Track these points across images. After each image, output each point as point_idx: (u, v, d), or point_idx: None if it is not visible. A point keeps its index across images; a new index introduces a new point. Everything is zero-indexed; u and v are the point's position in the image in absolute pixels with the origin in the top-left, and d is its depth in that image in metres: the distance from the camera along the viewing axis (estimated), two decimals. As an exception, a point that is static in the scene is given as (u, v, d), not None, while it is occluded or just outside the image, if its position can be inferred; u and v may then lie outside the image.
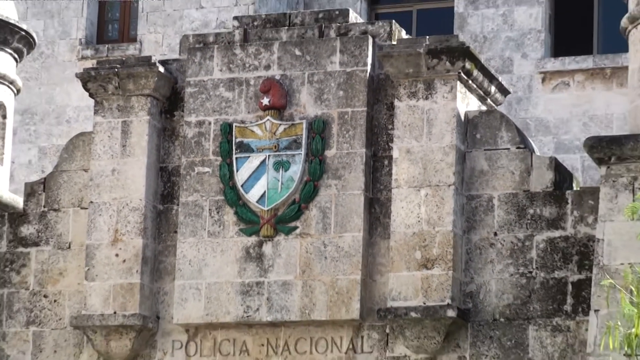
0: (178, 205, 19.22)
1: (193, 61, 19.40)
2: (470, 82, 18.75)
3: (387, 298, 18.26)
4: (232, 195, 18.95)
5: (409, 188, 18.36)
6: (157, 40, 28.26)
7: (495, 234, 18.40)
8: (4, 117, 20.55)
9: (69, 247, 19.58)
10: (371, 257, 18.56)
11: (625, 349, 14.06)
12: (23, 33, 20.64)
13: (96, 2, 29.63)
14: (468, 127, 18.61)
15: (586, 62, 28.74)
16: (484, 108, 19.04)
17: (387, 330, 18.36)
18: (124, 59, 20.69)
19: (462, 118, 18.53)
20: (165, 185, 19.47)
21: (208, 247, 18.92)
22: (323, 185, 18.73)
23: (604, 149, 17.65)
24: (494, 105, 19.40)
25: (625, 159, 17.45)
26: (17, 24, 20.58)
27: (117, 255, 19.09)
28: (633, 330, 13.80)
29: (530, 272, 18.18)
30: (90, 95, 19.69)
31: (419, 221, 18.25)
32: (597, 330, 16.96)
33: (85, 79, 19.62)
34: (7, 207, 20.05)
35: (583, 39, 29.30)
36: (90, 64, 22.06)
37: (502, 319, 18.16)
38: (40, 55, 26.86)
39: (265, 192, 18.90)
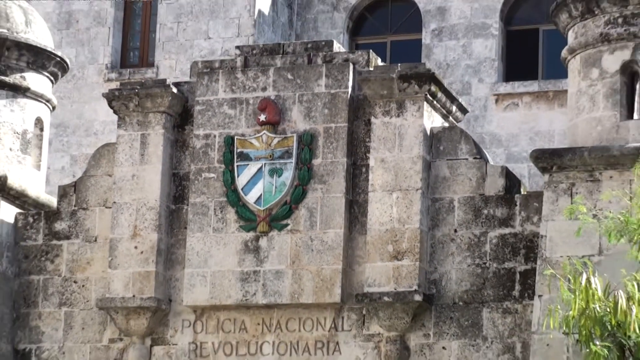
0: (187, 205, 19.20)
1: (201, 83, 19.38)
2: (435, 102, 18.76)
3: (364, 284, 18.26)
4: (234, 197, 18.93)
5: (383, 192, 18.39)
6: (171, 65, 28.21)
7: (455, 230, 18.42)
8: (42, 130, 20.55)
9: (95, 240, 19.56)
10: (350, 250, 18.57)
11: (564, 328, 14.12)
12: (58, 59, 20.60)
13: (120, 32, 29.54)
14: (433, 140, 18.62)
15: (532, 86, 28.74)
16: (446, 124, 19.02)
17: (364, 312, 18.35)
18: (143, 81, 20.75)
19: (428, 133, 18.53)
20: (177, 188, 19.44)
21: (213, 240, 18.92)
22: (310, 189, 18.73)
23: (547, 159, 17.66)
24: (454, 122, 19.36)
25: (565, 168, 17.47)
26: (53, 51, 20.56)
27: (135, 247, 19.08)
28: (570, 312, 13.86)
29: (485, 263, 18.23)
30: (115, 112, 19.66)
31: (391, 220, 18.27)
32: (540, 313, 16.96)
33: (110, 98, 19.59)
34: (44, 206, 20.04)
35: (530, 66, 29.24)
36: (114, 85, 22.07)
37: (460, 303, 18.18)
38: (73, 78, 26.78)
39: (261, 194, 18.87)
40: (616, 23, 17.77)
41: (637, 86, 17.73)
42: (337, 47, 19.56)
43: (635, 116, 17.63)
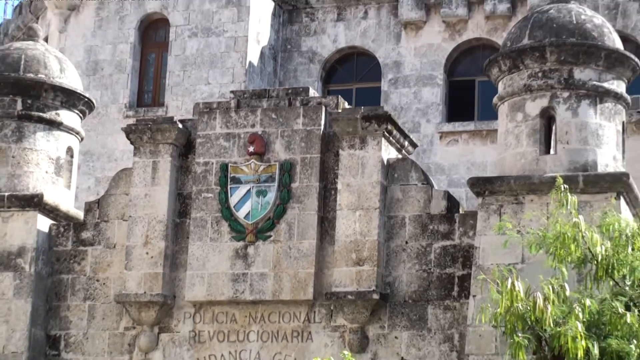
0: (189, 219, 19.13)
1: (202, 121, 19.34)
2: (390, 138, 18.75)
3: (332, 285, 18.24)
4: (227, 213, 18.86)
5: (348, 210, 18.35)
6: (178, 105, 28.17)
7: (406, 242, 18.39)
8: (72, 156, 20.49)
9: (114, 247, 19.45)
10: (321, 257, 18.51)
11: (493, 322, 14.12)
12: (86, 99, 20.54)
13: (136, 78, 29.49)
14: (389, 169, 18.59)
15: (469, 126, 28.75)
16: (400, 156, 18.98)
17: (332, 308, 18.31)
18: (154, 118, 20.82)
19: (385, 163, 18.51)
20: (181, 205, 19.36)
21: (209, 248, 18.85)
22: (289, 207, 18.67)
23: (480, 186, 17.69)
24: (407, 154, 19.31)
25: (495, 193, 17.48)
26: (82, 93, 20.51)
27: (147, 253, 18.98)
28: (498, 310, 13.89)
29: (430, 269, 18.20)
30: (131, 143, 19.60)
31: (354, 233, 18.23)
32: (474, 310, 16.91)
33: (128, 131, 19.57)
34: (73, 219, 19.98)
35: (468, 110, 29.21)
36: (131, 121, 22.02)
37: (410, 301, 18.14)
38: (98, 114, 26.76)
39: (250, 211, 18.82)
40: (537, 76, 17.82)
41: (553, 127, 17.76)
42: (312, 92, 19.56)
43: (552, 152, 17.66)
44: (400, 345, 18.10)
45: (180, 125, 19.43)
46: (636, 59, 18.33)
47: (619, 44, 18.25)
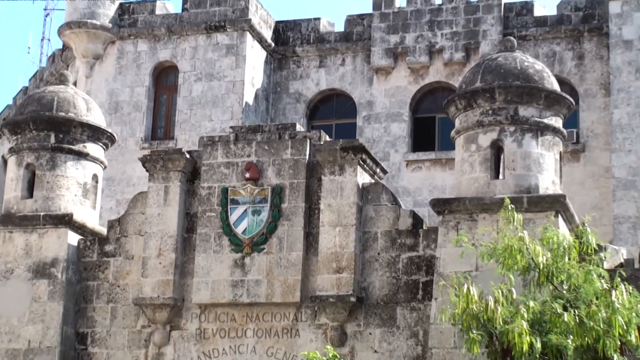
0: (196, 234, 19.05)
1: (206, 151, 19.30)
2: (365, 166, 18.74)
3: (316, 290, 18.18)
4: (227, 229, 18.79)
5: (329, 226, 18.30)
6: (185, 139, 28.17)
7: (379, 253, 18.33)
8: (97, 182, 20.44)
9: (133, 258, 19.37)
10: (307, 266, 18.44)
11: (452, 321, 14.15)
12: (108, 134, 20.52)
13: (151, 116, 29.49)
14: (363, 192, 18.55)
15: (431, 155, 28.80)
16: (372, 181, 18.95)
17: (316, 309, 18.25)
18: (166, 149, 20.76)
19: (360, 187, 18.48)
20: (189, 223, 19.27)
21: (212, 259, 18.79)
22: (280, 224, 18.60)
23: (441, 206, 17.68)
24: (378, 179, 19.30)
25: (453, 212, 17.47)
26: (105, 128, 20.48)
27: (160, 263, 18.92)
28: (456, 310, 13.92)
29: (398, 276, 18.16)
30: (146, 170, 19.54)
31: (334, 246, 18.19)
32: (436, 310, 16.89)
33: (144, 161, 19.51)
34: (97, 234, 19.89)
35: (429, 142, 29.32)
36: (146, 152, 21.94)
37: (382, 303, 18.10)
38: (118, 147, 26.70)
39: (246, 227, 18.75)
40: (487, 114, 17.85)
41: (502, 156, 17.78)
42: (299, 127, 19.52)
43: (500, 177, 17.66)
44: (373, 340, 18.05)
45: (187, 156, 19.38)
46: (570, 99, 18.42)
47: (556, 86, 18.33)
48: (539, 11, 29.26)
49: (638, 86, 26.81)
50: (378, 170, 19.42)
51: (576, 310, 13.62)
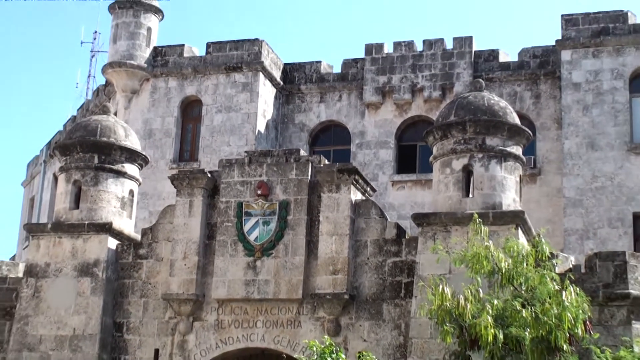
0: (215, 241, 19.05)
1: (225, 172, 19.32)
2: (357, 185, 18.76)
3: (315, 288, 18.18)
4: (242, 237, 18.82)
5: (327, 235, 18.31)
6: (207, 161, 28.10)
7: (368, 258, 18.33)
8: (133, 196, 20.45)
9: (162, 260, 19.37)
10: (308, 269, 18.43)
11: (429, 315, 14.15)
12: (143, 156, 20.58)
13: (179, 141, 29.36)
14: (356, 207, 18.56)
15: (412, 177, 28.73)
16: (364, 198, 18.97)
17: (315, 304, 18.24)
18: (191, 170, 20.68)
19: (353, 202, 18.49)
20: (209, 231, 19.26)
21: (229, 262, 18.80)
22: (286, 233, 18.61)
23: (420, 219, 17.71)
24: (369, 196, 19.32)
25: (430, 224, 17.52)
26: (140, 151, 20.60)
27: (185, 264, 18.93)
28: (432, 307, 13.95)
29: (385, 277, 18.16)
30: (174, 187, 19.59)
31: (331, 252, 18.20)
32: (415, 306, 16.94)
33: (172, 179, 19.56)
34: (133, 240, 19.88)
35: (411, 166, 29.27)
36: (175, 171, 21.94)
37: (370, 300, 18.11)
38: (151, 167, 26.58)
39: (258, 235, 18.75)
40: (460, 143, 17.91)
41: (472, 178, 17.83)
42: (302, 152, 19.57)
43: (470, 195, 17.72)
44: (363, 331, 18.06)
45: (209, 175, 19.41)
46: (529, 131, 18.53)
47: (517, 121, 18.40)
48: (503, 58, 29.34)
49: (585, 121, 26.88)
50: (368, 188, 19.44)
51: (532, 308, 13.64)
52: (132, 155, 20.35)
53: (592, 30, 27.40)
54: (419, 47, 29.65)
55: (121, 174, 20.15)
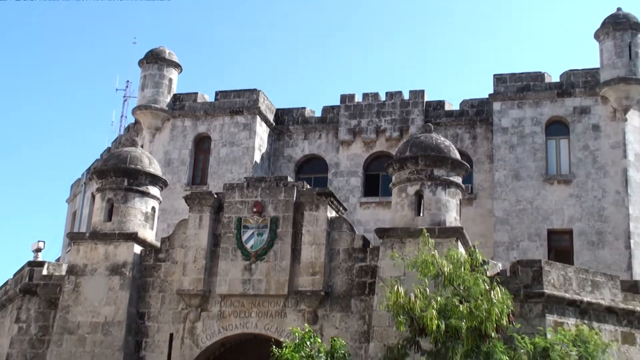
0: (219, 248, 18.96)
1: (228, 193, 19.26)
2: (332, 205, 18.73)
3: (298, 286, 18.14)
4: (240, 245, 18.75)
5: (308, 245, 18.29)
6: (214, 184, 27.95)
7: (340, 263, 18.29)
8: (154, 212, 20.32)
9: (177, 263, 19.24)
10: (292, 271, 18.38)
11: (387, 309, 14.14)
12: (163, 180, 20.51)
13: (192, 169, 29.24)
14: (331, 222, 18.55)
15: (376, 199, 28.70)
16: (337, 215, 18.95)
17: (298, 299, 18.18)
18: (201, 191, 20.62)
19: (329, 219, 18.49)
20: (215, 240, 19.16)
21: (230, 265, 18.71)
22: (275, 242, 18.58)
23: (382, 233, 17.68)
24: (341, 214, 19.26)
25: (390, 237, 17.39)
26: (161, 176, 20.51)
27: (195, 266, 18.82)
28: (390, 302, 13.95)
29: (353, 279, 18.11)
30: (187, 205, 19.50)
31: (311, 257, 18.16)
32: (377, 302, 16.92)
33: (186, 199, 19.49)
34: (154, 246, 19.72)
35: (375, 190, 29.25)
36: (188, 193, 21.86)
37: (341, 296, 18.05)
38: (169, 189, 26.41)
39: (253, 244, 18.70)
40: (413, 173, 17.96)
41: (422, 201, 17.86)
42: (290, 179, 19.52)
43: (421, 215, 17.75)
44: (336, 320, 18.00)
45: (215, 196, 19.37)
46: (467, 165, 18.57)
47: (458, 156, 18.47)
48: (448, 107, 29.51)
49: (510, 157, 27.06)
50: (341, 208, 19.43)
51: (468, 303, 13.66)
52: (155, 179, 20.27)
53: (517, 87, 27.66)
54: (382, 97, 29.75)
55: (145, 194, 20.07)
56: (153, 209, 20.35)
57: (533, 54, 58.63)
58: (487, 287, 13.88)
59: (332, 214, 18.79)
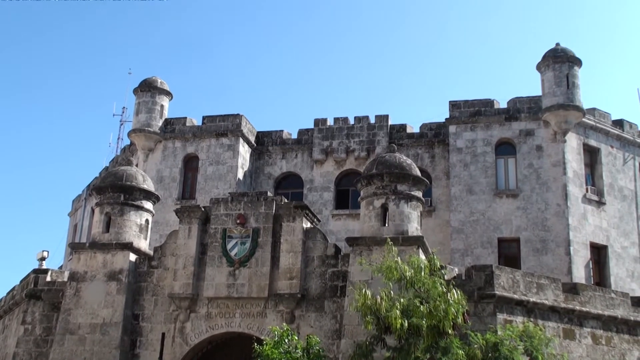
0: (207, 256, 18.85)
1: (214, 207, 19.19)
2: (308, 217, 18.72)
3: (277, 289, 18.09)
4: (225, 253, 18.66)
5: (286, 252, 18.26)
6: (202, 199, 27.76)
7: (315, 268, 18.24)
8: (148, 224, 20.15)
9: (168, 269, 19.11)
10: (272, 276, 18.31)
11: (356, 309, 14.22)
12: (156, 195, 20.37)
13: (182, 185, 29.12)
14: (306, 232, 18.53)
15: (347, 211, 28.72)
16: (312, 226, 18.96)
17: (277, 301, 18.12)
18: (190, 205, 20.47)
19: (305, 229, 18.47)
20: (202, 249, 19.05)
21: (217, 271, 18.63)
22: (257, 251, 18.51)
23: (352, 241, 17.67)
24: (315, 225, 19.30)
25: (358, 245, 17.44)
26: (154, 192, 20.39)
27: (184, 272, 18.70)
28: (359, 304, 14.00)
29: (326, 282, 18.08)
30: (178, 217, 19.39)
31: (289, 264, 18.13)
32: (347, 303, 16.98)
33: (177, 212, 19.40)
34: (147, 255, 19.48)
35: (345, 203, 29.22)
36: (178, 206, 21.77)
37: (316, 298, 18.02)
38: (161, 203, 26.22)
39: (236, 252, 18.63)
40: (379, 188, 18.03)
41: (387, 213, 17.91)
42: (269, 194, 19.51)
43: (386, 225, 17.77)
44: (311, 320, 17.96)
45: (202, 209, 19.30)
46: (427, 181, 18.67)
47: (419, 173, 18.58)
48: (409, 130, 29.73)
49: (465, 174, 27.31)
50: (315, 219, 19.44)
51: (427, 304, 13.76)
52: (148, 195, 20.16)
53: (470, 112, 27.97)
54: (351, 121, 29.86)
55: (140, 208, 19.94)
56: (147, 221, 20.21)
57: (484, 82, 59.65)
58: (445, 290, 14.00)
59: (307, 224, 18.81)
